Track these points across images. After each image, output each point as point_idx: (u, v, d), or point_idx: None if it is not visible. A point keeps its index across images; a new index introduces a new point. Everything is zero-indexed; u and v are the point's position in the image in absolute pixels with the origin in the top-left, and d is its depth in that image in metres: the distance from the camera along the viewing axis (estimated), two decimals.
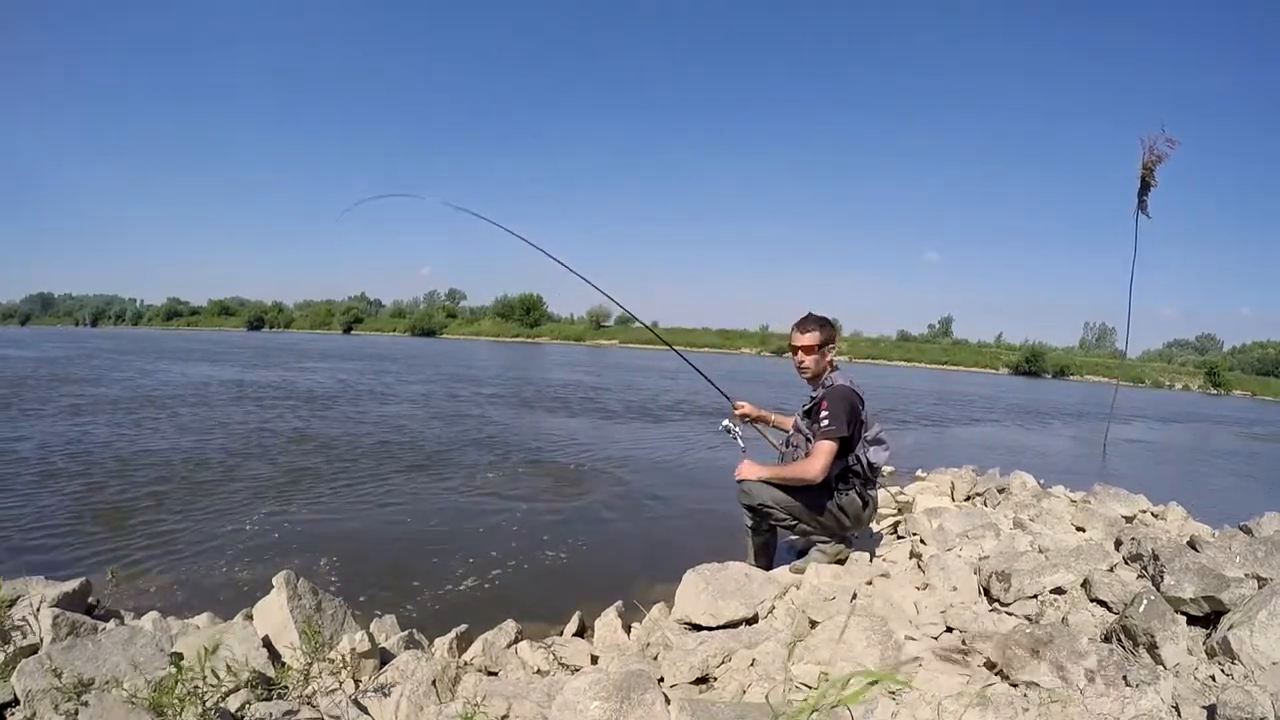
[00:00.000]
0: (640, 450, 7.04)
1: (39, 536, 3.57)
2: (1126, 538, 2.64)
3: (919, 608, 2.29)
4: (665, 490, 5.18)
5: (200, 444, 6.20)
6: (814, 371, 2.91)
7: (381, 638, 2.22)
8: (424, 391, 12.23)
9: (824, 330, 2.88)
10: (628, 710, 1.53)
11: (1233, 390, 42.58)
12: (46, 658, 1.69)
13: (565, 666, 2.13)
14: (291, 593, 2.09)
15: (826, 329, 2.89)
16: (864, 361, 46.40)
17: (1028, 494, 4.26)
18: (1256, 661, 1.63)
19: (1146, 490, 4.18)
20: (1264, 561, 2.14)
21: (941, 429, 11.13)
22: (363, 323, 71.66)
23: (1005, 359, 48.66)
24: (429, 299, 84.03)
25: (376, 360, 21.45)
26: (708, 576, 2.43)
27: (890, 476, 6.13)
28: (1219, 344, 67.73)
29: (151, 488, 4.57)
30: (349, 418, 8.40)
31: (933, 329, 65.02)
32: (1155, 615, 1.80)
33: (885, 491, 5.20)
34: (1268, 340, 55.22)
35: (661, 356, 36.66)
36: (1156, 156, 6.39)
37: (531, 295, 65.80)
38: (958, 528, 3.09)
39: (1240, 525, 3.39)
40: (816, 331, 2.87)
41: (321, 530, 3.83)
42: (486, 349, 38.18)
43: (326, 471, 5.27)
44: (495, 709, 1.66)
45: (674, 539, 3.76)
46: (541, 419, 9.17)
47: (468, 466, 5.77)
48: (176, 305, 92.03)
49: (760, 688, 1.76)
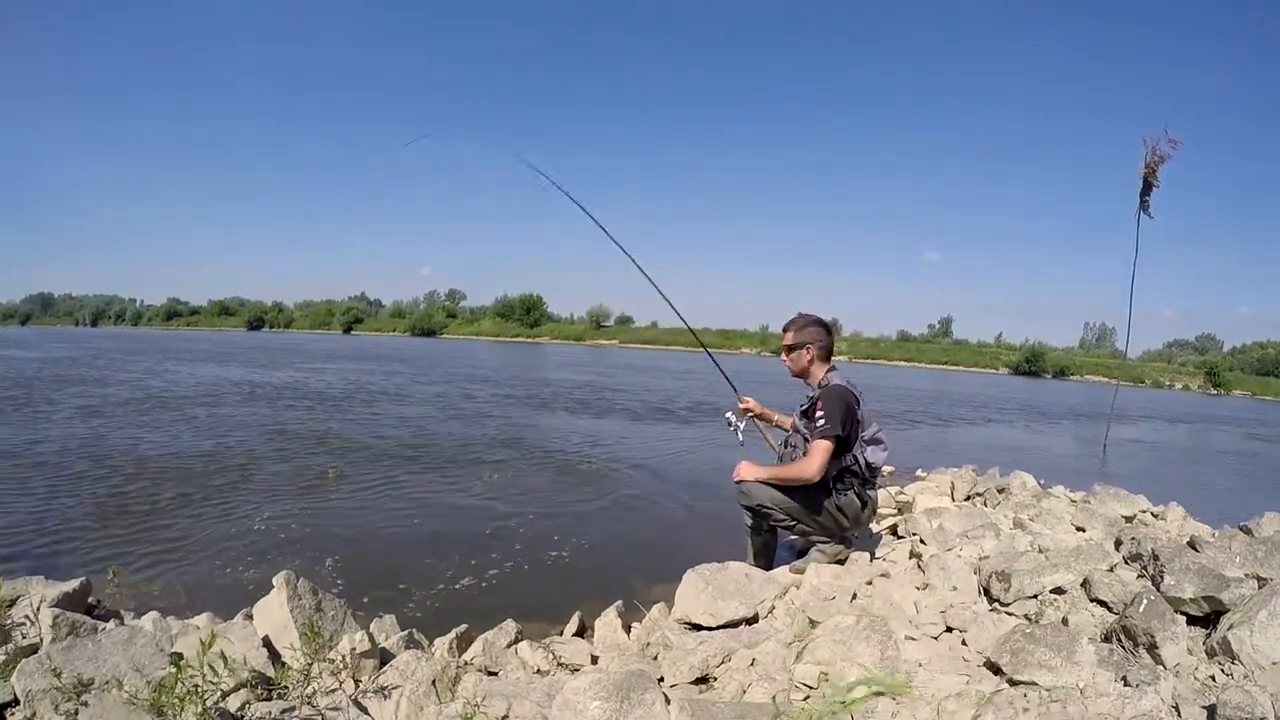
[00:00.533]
0: (643, 449, 7.04)
1: (39, 536, 3.57)
2: (1126, 538, 2.64)
3: (919, 608, 2.29)
4: (666, 490, 5.18)
5: (204, 444, 6.21)
6: (794, 371, 2.97)
7: (381, 638, 2.22)
8: (439, 392, 12.22)
9: (801, 331, 2.92)
10: (628, 710, 1.53)
11: (1233, 390, 42.57)
12: (46, 658, 1.69)
13: (565, 666, 2.13)
14: (291, 592, 2.09)
15: (807, 330, 2.92)
16: (864, 361, 46.39)
17: (1028, 494, 4.26)
18: (1256, 661, 1.63)
19: (1146, 490, 4.18)
20: (1264, 561, 2.14)
21: (941, 429, 11.13)
22: (363, 323, 71.63)
23: (1005, 359, 48.65)
24: (429, 299, 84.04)
25: (384, 361, 21.38)
26: (708, 576, 2.43)
27: (890, 476, 6.13)
28: (1219, 344, 67.75)
29: (153, 488, 4.57)
30: (359, 418, 8.40)
31: (933, 329, 65.03)
32: (1155, 615, 1.80)
33: (885, 491, 5.21)
34: (1268, 340, 55.24)
35: (665, 356, 36.69)
36: (1159, 157, 6.38)
37: (532, 295, 65.84)
38: (958, 528, 3.09)
39: (1240, 525, 3.39)
40: (793, 332, 2.94)
41: (322, 530, 3.83)
42: (489, 349, 38.18)
43: (335, 475, 5.26)
44: (495, 709, 1.66)
45: (674, 539, 3.76)
46: (551, 419, 9.17)
47: (470, 466, 5.77)
48: (176, 305, 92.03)
49: (760, 688, 1.76)
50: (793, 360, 2.95)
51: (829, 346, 2.94)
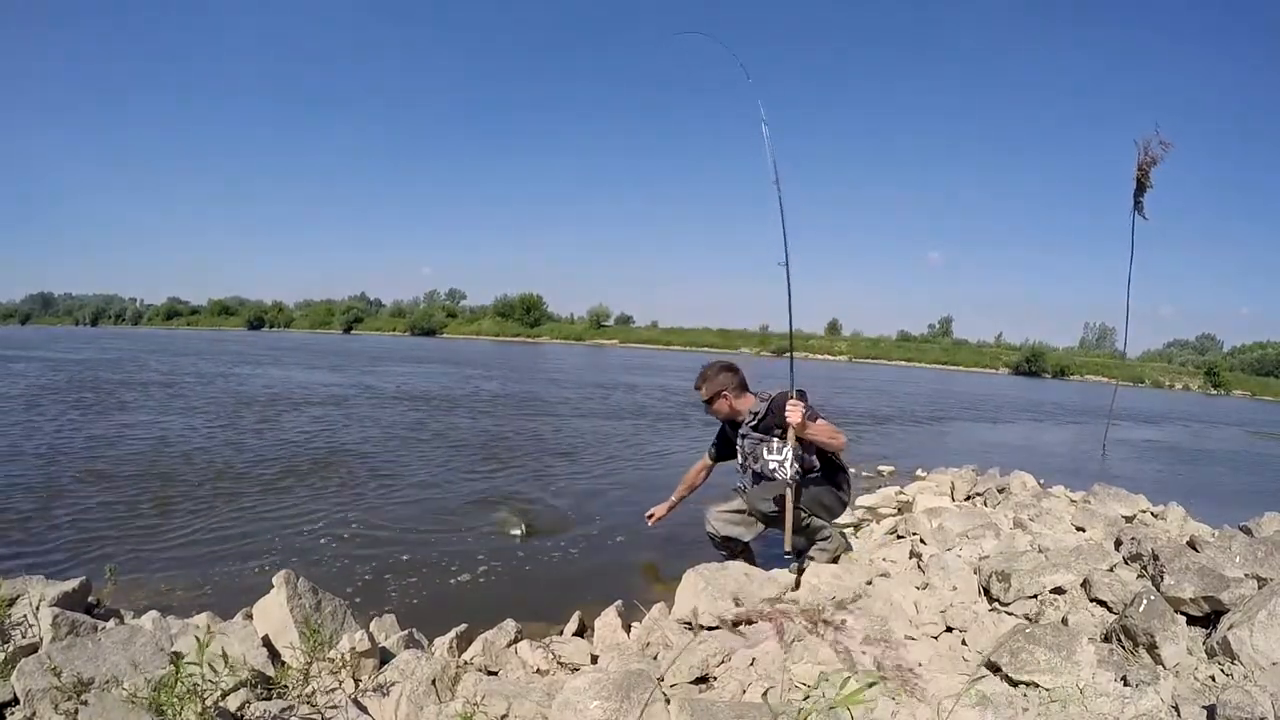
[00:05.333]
0: (646, 449, 7.04)
1: (39, 535, 3.57)
2: (1126, 538, 2.64)
3: (919, 607, 2.29)
4: (667, 490, 5.17)
5: (209, 445, 6.21)
6: (722, 417, 3.22)
7: (381, 637, 2.22)
8: (574, 395, 12.43)
9: (711, 383, 3.14)
10: (628, 710, 1.53)
11: (1232, 390, 42.54)
12: (46, 657, 1.69)
13: (565, 666, 2.13)
14: (291, 592, 2.09)
15: (716, 380, 3.13)
16: (864, 361, 46.37)
17: (1028, 494, 4.27)
18: (1256, 661, 1.63)
19: (1146, 490, 4.19)
20: (1264, 561, 2.14)
21: (942, 429, 11.13)
22: (362, 322, 71.59)
23: (1005, 359, 48.62)
24: (429, 298, 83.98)
25: (455, 365, 20.58)
26: (708, 576, 2.43)
27: (890, 476, 6.14)
28: (1219, 344, 67.66)
29: (154, 488, 4.57)
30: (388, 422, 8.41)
31: (933, 329, 64.99)
32: (1155, 615, 1.80)
33: (886, 491, 5.21)
34: (1267, 340, 55.16)
35: (670, 356, 36.80)
36: (1151, 158, 6.41)
37: (531, 295, 65.84)
38: (958, 527, 3.10)
39: (1240, 525, 3.39)
40: (705, 387, 3.15)
41: (323, 530, 3.83)
42: (492, 348, 38.21)
43: (335, 474, 5.27)
44: (495, 708, 1.66)
45: (674, 539, 3.76)
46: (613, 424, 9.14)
47: (476, 469, 5.77)
48: (176, 305, 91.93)
49: (760, 688, 1.76)
50: (717, 410, 3.17)
51: (741, 380, 3.15)
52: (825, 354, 49.98)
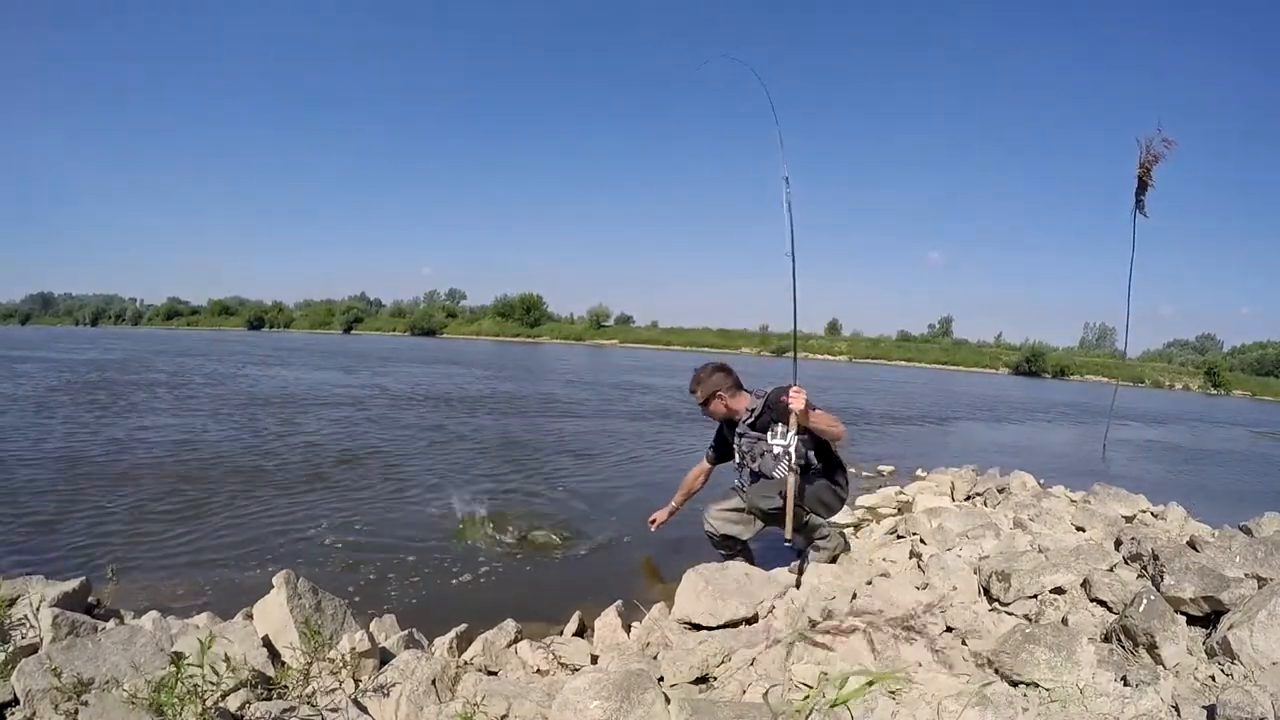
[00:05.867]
0: (648, 448, 7.04)
1: (39, 535, 3.57)
2: (1126, 538, 2.64)
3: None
4: (668, 490, 5.17)
5: (222, 447, 6.21)
6: (719, 417, 3.23)
7: (381, 637, 2.22)
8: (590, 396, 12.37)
9: (705, 384, 3.16)
10: (628, 710, 1.53)
11: (1233, 390, 42.53)
12: (46, 657, 1.69)
13: (565, 666, 2.13)
14: (291, 592, 2.09)
15: (709, 381, 3.15)
16: (864, 361, 46.35)
17: (1028, 494, 4.27)
18: (1256, 661, 1.63)
19: (1146, 490, 4.19)
20: (1264, 561, 2.14)
21: (942, 429, 11.13)
22: (363, 322, 71.58)
23: (1005, 359, 48.62)
24: (429, 298, 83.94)
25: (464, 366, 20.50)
26: (708, 576, 2.43)
27: (890, 476, 6.14)
28: (1219, 344, 67.60)
29: (155, 488, 4.57)
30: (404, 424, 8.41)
31: (933, 329, 64.98)
32: (1155, 615, 1.80)
33: (886, 491, 5.21)
34: (1268, 340, 55.13)
35: (672, 356, 36.77)
36: (1153, 157, 6.42)
37: (531, 295, 65.85)
38: (958, 527, 3.10)
39: (1240, 525, 3.39)
40: (699, 390, 3.17)
41: (324, 530, 3.82)
42: (493, 349, 38.19)
43: (347, 475, 5.26)
44: (495, 709, 1.66)
45: (674, 539, 3.75)
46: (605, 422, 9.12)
47: (495, 472, 5.77)
48: (176, 305, 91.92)
49: (760, 687, 1.76)
50: (713, 411, 3.19)
51: (735, 379, 3.17)
52: (825, 354, 50.00)
